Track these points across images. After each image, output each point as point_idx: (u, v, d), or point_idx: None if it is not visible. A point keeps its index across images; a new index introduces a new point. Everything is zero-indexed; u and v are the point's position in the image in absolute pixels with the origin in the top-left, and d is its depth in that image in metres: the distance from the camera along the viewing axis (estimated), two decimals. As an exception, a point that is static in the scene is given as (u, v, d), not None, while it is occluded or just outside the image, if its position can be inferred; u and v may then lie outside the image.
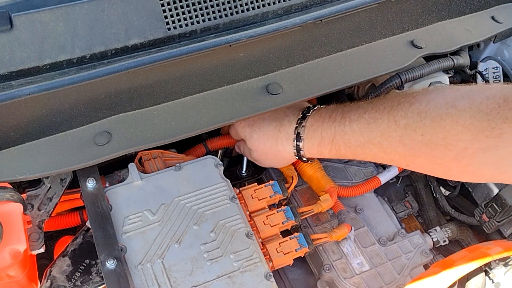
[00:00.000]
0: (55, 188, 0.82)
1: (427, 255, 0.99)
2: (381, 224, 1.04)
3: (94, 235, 0.78)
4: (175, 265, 0.79)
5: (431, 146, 0.70)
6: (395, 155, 0.76)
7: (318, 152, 0.86)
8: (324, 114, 0.84)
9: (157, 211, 0.84)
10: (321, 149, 0.84)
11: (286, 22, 0.81)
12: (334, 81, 0.88)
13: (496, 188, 1.07)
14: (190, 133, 0.79)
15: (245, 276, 0.79)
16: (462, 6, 1.01)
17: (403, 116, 0.72)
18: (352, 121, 0.79)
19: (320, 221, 1.03)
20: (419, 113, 0.71)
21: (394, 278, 0.94)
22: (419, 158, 0.73)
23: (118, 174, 0.92)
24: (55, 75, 0.72)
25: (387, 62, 0.91)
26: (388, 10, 0.92)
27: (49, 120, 0.75)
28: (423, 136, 0.70)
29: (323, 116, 0.84)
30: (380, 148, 0.76)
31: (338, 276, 0.93)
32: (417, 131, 0.70)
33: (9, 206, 0.73)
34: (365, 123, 0.77)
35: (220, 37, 0.78)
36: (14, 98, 0.69)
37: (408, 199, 1.19)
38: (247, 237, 0.83)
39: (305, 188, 1.06)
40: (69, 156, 0.76)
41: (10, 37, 0.70)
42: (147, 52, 0.76)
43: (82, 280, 0.77)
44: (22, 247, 0.70)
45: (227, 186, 0.88)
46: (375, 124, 0.76)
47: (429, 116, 0.69)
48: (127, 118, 0.80)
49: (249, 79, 0.86)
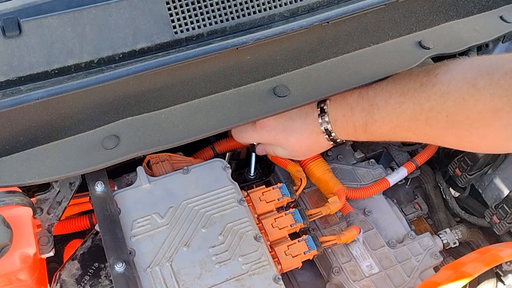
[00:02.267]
0: (64, 192, 0.83)
1: (437, 257, 0.98)
2: (390, 226, 1.04)
3: (103, 238, 0.78)
4: (184, 268, 0.79)
5: (456, 126, 0.72)
6: (424, 136, 0.80)
7: (355, 137, 0.89)
8: (350, 101, 0.86)
9: (166, 214, 0.84)
10: (357, 135, 0.87)
11: (293, 25, 0.81)
12: (342, 83, 0.87)
13: (506, 189, 1.06)
14: (198, 136, 0.80)
15: (253, 279, 0.79)
16: (470, 6, 1.00)
17: (427, 98, 0.75)
18: (380, 108, 0.81)
19: (328, 223, 1.02)
20: (441, 95, 0.73)
21: (404, 281, 0.93)
22: (447, 137, 0.76)
23: (126, 178, 0.92)
24: (63, 80, 0.72)
25: (395, 63, 0.91)
26: (395, 11, 0.91)
27: (57, 125, 0.76)
28: (448, 117, 0.72)
29: (350, 105, 0.86)
30: (409, 131, 0.79)
31: (347, 279, 0.92)
32: (441, 113, 0.73)
33: (18, 210, 0.73)
34: (392, 109, 0.80)
35: (226, 40, 0.78)
36: (23, 103, 0.69)
37: (418, 201, 1.18)
38: (256, 240, 0.83)
39: (313, 190, 1.06)
40: (78, 160, 0.76)
41: (19, 43, 0.71)
42: (154, 56, 0.76)
43: (91, 284, 0.78)
44: (32, 251, 0.71)
45: (235, 189, 0.88)
46: (401, 109, 0.78)
47: (451, 97, 0.72)
48: (135, 121, 0.80)
49: (256, 81, 0.86)
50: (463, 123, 0.71)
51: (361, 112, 0.84)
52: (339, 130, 0.88)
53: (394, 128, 0.81)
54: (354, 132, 0.86)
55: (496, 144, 0.72)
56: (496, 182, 1.08)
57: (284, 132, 0.92)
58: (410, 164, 1.11)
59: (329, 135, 0.89)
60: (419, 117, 0.76)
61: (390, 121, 0.80)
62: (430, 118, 0.75)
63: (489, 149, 0.79)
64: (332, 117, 0.87)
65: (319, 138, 0.91)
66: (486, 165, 1.09)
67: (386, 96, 0.81)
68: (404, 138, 0.83)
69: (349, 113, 0.85)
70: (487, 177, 1.10)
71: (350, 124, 0.86)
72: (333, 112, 0.87)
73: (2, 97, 0.69)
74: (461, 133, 0.73)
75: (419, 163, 1.11)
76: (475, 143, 0.74)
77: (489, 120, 0.68)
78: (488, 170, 1.09)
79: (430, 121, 0.75)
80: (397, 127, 0.80)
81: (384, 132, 0.83)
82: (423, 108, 0.75)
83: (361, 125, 0.84)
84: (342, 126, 0.87)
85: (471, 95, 0.69)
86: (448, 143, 0.79)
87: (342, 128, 0.88)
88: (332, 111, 0.87)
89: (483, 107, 0.68)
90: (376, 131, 0.83)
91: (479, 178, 1.12)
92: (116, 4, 0.74)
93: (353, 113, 0.85)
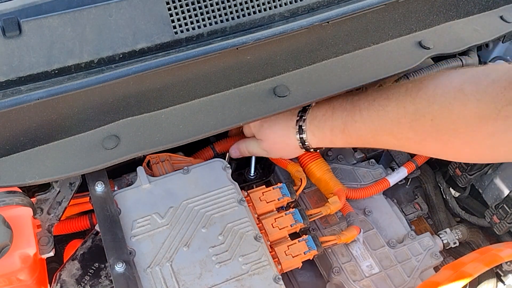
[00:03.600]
0: (64, 192, 0.83)
1: (437, 257, 0.98)
2: (390, 226, 1.04)
3: (103, 238, 0.78)
4: (184, 268, 0.79)
5: (441, 131, 0.70)
6: (406, 141, 0.76)
7: (330, 141, 0.87)
8: (334, 103, 0.85)
9: (166, 214, 0.84)
10: (333, 138, 0.85)
11: (293, 25, 0.81)
12: (342, 83, 0.87)
13: (507, 189, 1.06)
14: (198, 136, 0.80)
15: (253, 279, 0.79)
16: (470, 6, 1.00)
17: (412, 102, 0.73)
18: (362, 109, 0.80)
19: (328, 223, 1.02)
20: (427, 98, 0.71)
21: (404, 281, 0.93)
22: (430, 143, 0.74)
23: (126, 178, 0.92)
24: (63, 80, 0.72)
25: (395, 63, 0.91)
26: (395, 11, 0.91)
27: (57, 125, 0.76)
28: (433, 121, 0.71)
29: (333, 105, 0.85)
30: (390, 134, 0.77)
31: (347, 279, 0.92)
32: (426, 117, 0.71)
33: (19, 210, 0.73)
34: (375, 111, 0.78)
35: (227, 40, 0.78)
36: (23, 103, 0.69)
37: (418, 201, 1.18)
38: (256, 240, 0.83)
39: (313, 190, 1.06)
40: (78, 160, 0.76)
41: (19, 43, 0.71)
42: (154, 56, 0.76)
43: (91, 284, 0.78)
44: (32, 251, 0.71)
45: (235, 189, 0.88)
46: (384, 111, 0.76)
47: (437, 101, 0.70)
48: (135, 121, 0.80)
49: (256, 81, 0.86)
50: (448, 128, 0.69)
51: (342, 112, 0.82)
52: (314, 129, 0.86)
53: (374, 130, 0.78)
54: (330, 133, 0.84)
55: (479, 152, 0.70)
56: (496, 182, 1.08)
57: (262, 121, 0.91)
58: (410, 164, 1.11)
59: (301, 133, 0.88)
60: (402, 120, 0.74)
61: (372, 122, 0.78)
62: (414, 121, 0.73)
63: (472, 158, 0.75)
64: (311, 115, 0.86)
65: (289, 135, 0.89)
66: (486, 165, 1.09)
67: (370, 99, 0.79)
68: (384, 142, 0.80)
69: (330, 113, 0.84)
70: (487, 177, 1.10)
71: (327, 124, 0.84)
72: (314, 111, 0.87)
73: (2, 97, 0.69)
74: (445, 138, 0.71)
75: (419, 163, 1.12)
76: (459, 150, 0.72)
77: (474, 126, 0.66)
78: (488, 170, 1.09)
79: (413, 125, 0.73)
80: (378, 130, 0.78)
81: (363, 134, 0.80)
82: (407, 111, 0.73)
83: (340, 124, 0.82)
84: (318, 125, 0.86)
85: (458, 99, 0.68)
86: (430, 150, 0.76)
87: (317, 127, 0.86)
88: (314, 110, 0.87)
89: (469, 113, 0.66)
90: (355, 133, 0.81)
91: (479, 178, 1.12)
92: (116, 4, 0.74)
93: (334, 113, 0.83)
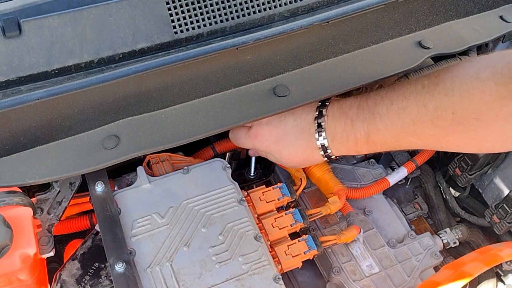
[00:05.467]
0: (64, 192, 0.83)
1: (437, 257, 0.98)
2: (390, 226, 1.04)
3: (103, 238, 0.78)
4: (184, 268, 0.79)
5: (463, 123, 0.71)
6: (429, 139, 0.77)
7: (355, 151, 0.87)
8: (349, 113, 0.84)
9: (166, 214, 0.84)
10: (358, 149, 0.85)
11: (293, 25, 0.81)
12: (342, 83, 0.87)
13: (507, 189, 1.06)
14: (198, 136, 0.80)
15: (253, 279, 0.79)
16: (470, 6, 1.00)
17: (431, 99, 0.73)
18: (382, 115, 0.79)
19: (328, 223, 1.02)
20: (445, 92, 0.72)
21: (404, 281, 0.94)
22: (452, 137, 0.74)
23: (126, 178, 0.92)
24: (63, 80, 0.72)
25: (395, 63, 0.91)
26: (395, 11, 0.91)
27: (57, 125, 0.76)
28: (454, 114, 0.71)
29: (350, 117, 0.83)
30: (414, 135, 0.77)
31: (347, 279, 0.92)
32: (447, 111, 0.71)
33: (19, 210, 0.73)
34: (395, 114, 0.78)
35: (226, 40, 0.78)
36: (23, 103, 0.69)
37: (418, 201, 1.18)
38: (256, 239, 0.83)
39: (313, 190, 1.06)
40: (78, 160, 0.76)
41: (19, 43, 0.71)
42: (154, 56, 0.76)
43: (91, 284, 0.78)
44: (32, 251, 0.71)
45: (235, 189, 0.88)
46: (405, 113, 0.76)
47: (456, 93, 0.70)
48: (135, 121, 0.80)
49: (256, 81, 0.86)
50: (469, 118, 0.70)
51: (362, 123, 0.81)
52: (338, 145, 0.86)
53: (398, 134, 0.79)
54: (355, 145, 0.84)
55: (502, 137, 0.71)
56: (496, 181, 1.08)
57: (277, 145, 0.90)
58: (410, 164, 1.11)
59: (325, 151, 0.87)
60: (424, 118, 0.74)
61: (394, 127, 0.78)
62: (435, 118, 0.73)
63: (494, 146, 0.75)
64: (330, 132, 0.85)
65: (313, 154, 0.89)
66: (486, 164, 1.09)
67: (387, 103, 0.79)
68: (408, 144, 0.80)
69: (349, 126, 0.83)
70: (487, 177, 1.10)
71: (351, 137, 0.83)
72: (331, 128, 0.85)
73: (2, 97, 0.69)
74: (467, 129, 0.71)
75: (419, 163, 1.11)
76: (481, 139, 0.72)
77: (495, 110, 0.67)
78: (488, 170, 1.09)
79: (435, 121, 0.73)
80: (402, 133, 0.78)
81: (387, 140, 0.80)
82: (428, 108, 0.73)
83: (363, 136, 0.82)
84: (341, 141, 0.85)
85: (476, 88, 0.68)
86: (453, 144, 0.77)
87: (341, 143, 0.85)
88: (331, 127, 0.85)
89: (489, 98, 0.67)
90: (380, 140, 0.81)
91: (479, 178, 1.12)
92: (116, 4, 0.74)
93: (354, 125, 0.83)
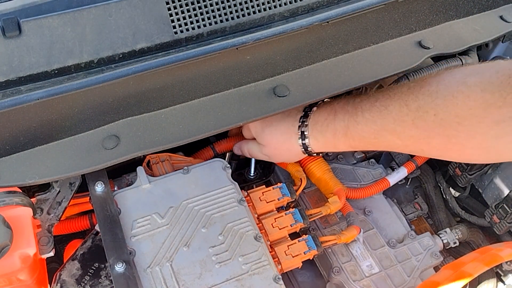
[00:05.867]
0: (64, 192, 0.83)
1: (437, 257, 0.98)
2: (390, 226, 1.04)
3: (103, 238, 0.78)
4: (184, 268, 0.79)
5: (444, 126, 0.70)
6: (409, 139, 0.76)
7: (333, 145, 0.86)
8: (336, 106, 0.85)
9: (166, 214, 0.84)
10: (336, 141, 0.84)
11: (293, 25, 0.81)
12: (342, 83, 0.87)
13: (507, 188, 1.06)
14: (198, 136, 0.80)
15: (253, 279, 0.79)
16: (470, 6, 1.00)
17: (414, 99, 0.73)
18: (364, 110, 0.79)
19: (328, 223, 1.02)
20: (430, 94, 0.71)
21: (404, 281, 0.94)
22: (433, 140, 0.73)
23: (126, 178, 0.92)
24: (63, 80, 0.72)
25: (395, 63, 0.91)
26: (395, 11, 0.91)
27: (57, 125, 0.76)
28: (436, 115, 0.70)
29: (335, 109, 0.84)
30: (393, 134, 0.76)
31: (347, 279, 0.92)
32: (429, 112, 0.71)
33: (19, 210, 0.73)
34: (377, 111, 0.77)
35: (226, 40, 0.78)
36: (23, 103, 0.69)
37: (418, 201, 1.18)
38: (256, 240, 0.83)
39: (313, 190, 1.06)
40: (78, 160, 0.76)
41: (18, 43, 0.71)
42: (154, 56, 0.76)
43: (91, 284, 0.78)
44: (32, 251, 0.71)
45: (235, 189, 0.88)
46: (387, 111, 0.76)
47: (440, 95, 0.70)
48: (135, 121, 0.80)
49: (256, 81, 0.86)
50: (451, 122, 0.68)
51: (344, 114, 0.82)
52: (317, 134, 0.86)
53: (377, 131, 0.78)
54: (333, 137, 0.84)
55: (484, 146, 0.68)
56: (496, 181, 1.08)
57: (263, 122, 0.91)
58: (410, 163, 1.11)
59: (303, 139, 0.87)
60: (405, 118, 0.73)
61: (374, 123, 0.78)
62: (417, 118, 0.72)
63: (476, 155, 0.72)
64: (313, 120, 0.86)
65: (291, 140, 0.89)
66: (486, 164, 1.09)
67: (372, 100, 0.79)
68: (387, 144, 0.80)
69: (332, 116, 0.84)
70: (487, 177, 1.10)
71: (330, 127, 0.84)
72: (316, 115, 0.86)
73: (2, 97, 0.69)
74: (448, 133, 0.70)
75: (419, 162, 1.12)
76: (462, 146, 0.70)
77: (479, 117, 0.66)
78: (488, 170, 1.09)
79: (416, 122, 0.72)
80: (381, 130, 0.77)
81: (366, 135, 0.80)
82: (410, 108, 0.73)
83: (342, 127, 0.82)
84: (321, 130, 0.85)
85: (461, 92, 0.67)
86: (433, 148, 0.75)
87: (320, 131, 0.85)
88: (315, 115, 0.86)
89: (473, 103, 0.66)
90: (358, 134, 0.80)
91: (479, 178, 1.12)
92: (116, 4, 0.74)
93: (336, 116, 0.83)
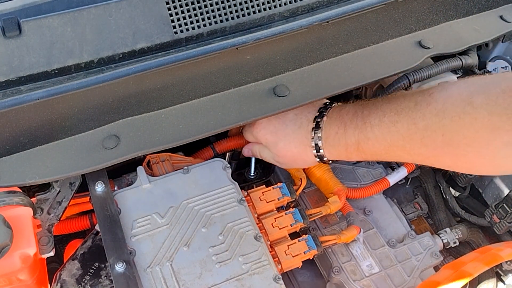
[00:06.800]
0: (64, 192, 0.83)
1: (437, 257, 0.98)
2: (390, 226, 1.04)
3: (103, 238, 0.78)
4: (184, 268, 0.79)
5: (452, 145, 0.70)
6: (418, 156, 0.76)
7: (346, 157, 0.87)
8: (345, 118, 0.84)
9: (166, 214, 0.84)
10: (348, 154, 0.85)
11: (293, 24, 0.81)
12: (342, 83, 0.87)
13: (506, 188, 1.06)
14: (198, 136, 0.80)
15: (254, 279, 0.79)
16: (470, 6, 1.00)
17: (422, 117, 0.73)
18: (373, 126, 0.79)
19: (328, 223, 1.02)
20: (437, 113, 0.71)
21: (404, 280, 0.93)
22: (442, 157, 0.73)
23: (126, 178, 0.92)
24: (63, 80, 0.72)
25: (395, 63, 0.91)
26: (395, 10, 0.91)
27: (57, 125, 0.76)
28: (444, 136, 0.70)
29: (344, 122, 0.84)
30: (403, 150, 0.77)
31: (347, 279, 0.92)
32: (437, 132, 0.71)
33: (19, 210, 0.73)
34: (386, 127, 0.78)
35: (226, 40, 0.78)
36: (23, 103, 0.69)
37: (418, 201, 1.18)
38: (256, 239, 0.83)
39: (313, 190, 1.06)
40: (78, 160, 0.76)
41: (19, 43, 0.71)
42: (154, 56, 0.76)
43: (91, 284, 0.78)
44: (32, 251, 0.71)
45: (235, 189, 0.88)
46: (395, 128, 0.76)
47: (447, 116, 0.69)
48: (135, 121, 0.80)
49: (256, 81, 0.86)
50: (459, 143, 0.69)
51: (354, 129, 0.82)
52: (330, 147, 0.86)
53: (388, 147, 0.79)
54: (346, 151, 0.84)
55: (494, 163, 0.69)
56: (496, 181, 1.08)
57: (274, 135, 0.91)
58: (410, 163, 1.11)
59: (318, 150, 0.87)
60: (413, 136, 0.74)
61: (384, 139, 0.78)
62: (425, 138, 0.72)
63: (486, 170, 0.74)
64: (325, 133, 0.86)
65: (306, 151, 0.89)
66: (486, 164, 1.09)
67: (380, 114, 0.79)
68: (398, 157, 0.81)
69: (342, 130, 0.84)
70: (487, 177, 1.10)
71: (342, 142, 0.84)
72: (327, 129, 0.86)
73: (2, 97, 0.69)
74: (457, 152, 0.70)
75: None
76: (471, 163, 0.71)
77: (487, 139, 0.66)
78: (488, 170, 1.09)
79: (425, 141, 0.73)
80: (391, 146, 0.78)
81: (377, 151, 0.81)
82: (418, 127, 0.73)
83: (354, 143, 0.82)
84: (333, 144, 0.86)
85: (468, 113, 0.67)
86: (444, 164, 0.76)
87: (333, 146, 0.86)
88: (327, 128, 0.86)
89: (480, 126, 0.65)
90: (369, 150, 0.81)
91: (479, 178, 1.12)
92: (116, 4, 0.74)
93: (346, 131, 0.83)
